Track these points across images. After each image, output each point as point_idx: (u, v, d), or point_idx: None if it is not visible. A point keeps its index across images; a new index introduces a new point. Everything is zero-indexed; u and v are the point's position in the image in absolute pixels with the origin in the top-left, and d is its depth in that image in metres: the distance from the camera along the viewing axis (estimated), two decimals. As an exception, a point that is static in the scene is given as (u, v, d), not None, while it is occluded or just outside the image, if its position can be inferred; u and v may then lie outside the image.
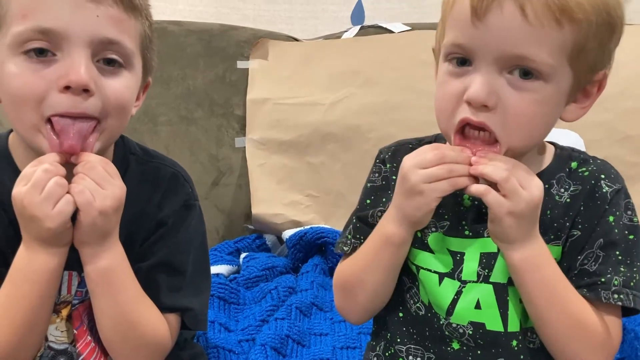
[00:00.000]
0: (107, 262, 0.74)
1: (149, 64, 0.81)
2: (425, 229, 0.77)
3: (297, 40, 1.92)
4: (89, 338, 0.81)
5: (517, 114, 0.67)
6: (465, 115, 0.68)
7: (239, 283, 1.42)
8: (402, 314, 0.80)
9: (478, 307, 0.74)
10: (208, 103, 1.81)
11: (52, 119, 0.71)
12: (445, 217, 0.76)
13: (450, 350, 0.76)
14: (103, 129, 0.74)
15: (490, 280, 0.74)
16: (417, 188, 0.69)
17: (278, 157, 1.76)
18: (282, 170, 1.75)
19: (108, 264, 0.75)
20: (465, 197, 0.75)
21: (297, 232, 1.59)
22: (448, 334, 0.76)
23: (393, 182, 0.78)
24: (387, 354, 0.81)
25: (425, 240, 0.77)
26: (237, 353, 1.10)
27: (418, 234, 0.77)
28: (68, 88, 0.70)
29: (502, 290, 0.74)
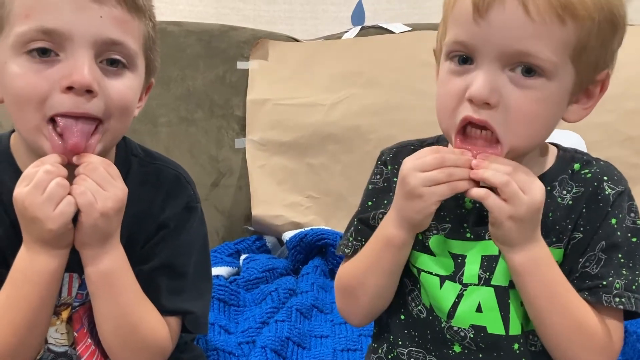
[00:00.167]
0: (108, 264, 0.74)
1: (152, 65, 0.81)
2: (427, 232, 0.76)
3: (297, 41, 1.92)
4: (89, 341, 0.81)
5: (519, 112, 0.66)
6: (467, 114, 0.67)
7: (239, 285, 1.41)
8: (403, 317, 0.80)
9: (479, 310, 0.74)
10: (208, 104, 1.80)
11: (55, 119, 0.70)
12: (447, 219, 0.76)
13: (452, 354, 0.76)
14: (105, 130, 0.73)
15: (492, 283, 0.74)
16: (416, 191, 0.69)
17: (278, 158, 1.76)
18: (282, 172, 1.75)
19: (109, 266, 0.74)
20: (467, 199, 0.75)
21: (297, 233, 1.59)
22: (449, 337, 0.75)
23: (394, 183, 0.77)
24: (389, 357, 0.81)
25: (427, 243, 0.77)
26: (237, 355, 1.10)
27: (419, 237, 0.77)
28: (71, 88, 0.69)
29: (503, 293, 0.74)
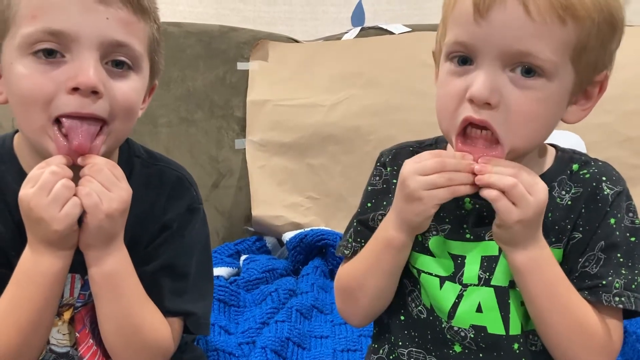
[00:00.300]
0: (112, 265, 0.74)
1: (156, 67, 0.81)
2: (426, 233, 0.77)
3: (297, 42, 1.92)
4: (91, 341, 0.81)
5: (519, 112, 0.67)
6: (468, 114, 0.67)
7: (239, 285, 1.41)
8: (403, 317, 0.80)
9: (479, 310, 0.74)
10: (208, 104, 1.81)
11: (60, 119, 0.70)
12: (446, 220, 0.76)
13: (452, 354, 0.76)
14: (110, 131, 0.74)
15: (492, 284, 0.74)
16: (415, 194, 0.69)
17: (278, 158, 1.76)
18: (282, 172, 1.75)
19: (113, 267, 0.75)
20: (467, 200, 0.75)
21: (297, 234, 1.59)
22: (450, 337, 0.76)
23: (394, 185, 0.78)
24: (391, 357, 0.81)
25: (426, 244, 0.77)
26: (237, 356, 1.10)
27: (419, 238, 0.77)
28: (76, 89, 0.69)
29: (503, 294, 0.74)
